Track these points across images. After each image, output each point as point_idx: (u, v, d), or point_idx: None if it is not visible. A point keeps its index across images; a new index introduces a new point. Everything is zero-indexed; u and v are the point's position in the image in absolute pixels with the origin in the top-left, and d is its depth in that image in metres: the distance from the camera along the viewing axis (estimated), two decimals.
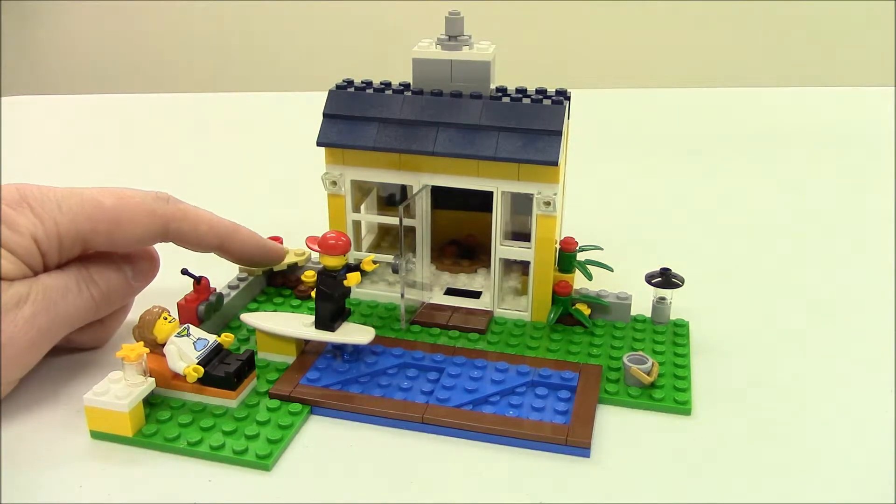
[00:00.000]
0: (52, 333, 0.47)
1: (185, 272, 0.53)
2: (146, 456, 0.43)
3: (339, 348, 0.51)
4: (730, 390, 0.49)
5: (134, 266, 0.52)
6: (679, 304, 0.56)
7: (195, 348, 0.46)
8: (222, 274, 0.57)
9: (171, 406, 0.46)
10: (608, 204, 0.80)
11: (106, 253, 0.51)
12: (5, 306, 0.44)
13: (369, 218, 0.60)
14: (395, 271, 0.54)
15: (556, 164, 0.51)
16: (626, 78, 1.96)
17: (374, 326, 0.51)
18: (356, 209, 0.58)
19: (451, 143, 0.53)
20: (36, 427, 0.45)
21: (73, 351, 0.51)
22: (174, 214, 0.51)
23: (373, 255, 0.54)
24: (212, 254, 0.55)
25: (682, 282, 0.54)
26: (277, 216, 0.73)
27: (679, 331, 0.54)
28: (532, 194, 0.52)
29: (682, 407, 0.47)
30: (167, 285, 0.54)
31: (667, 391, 0.48)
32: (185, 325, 0.47)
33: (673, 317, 0.55)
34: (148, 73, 2.25)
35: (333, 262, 0.49)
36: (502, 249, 0.55)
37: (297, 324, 0.51)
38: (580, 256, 0.56)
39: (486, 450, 0.44)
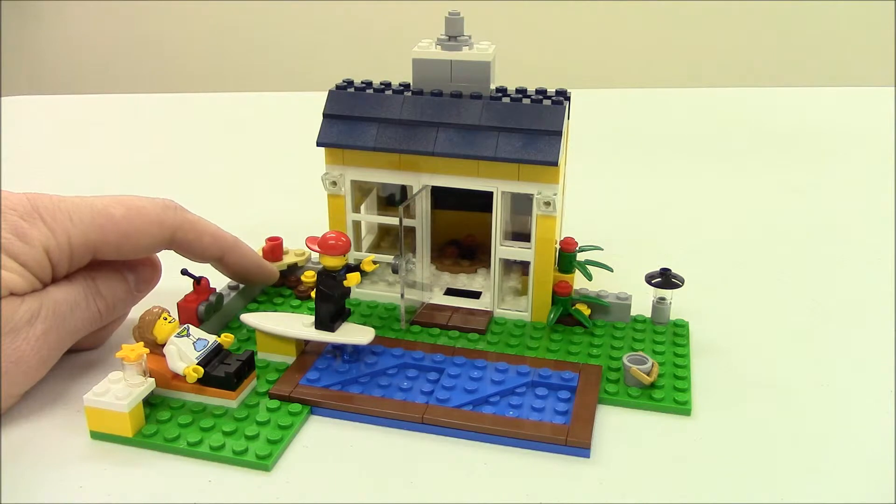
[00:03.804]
0: (59, 349, 0.47)
1: (184, 272, 0.53)
2: (146, 456, 0.43)
3: (339, 348, 0.51)
4: (730, 390, 0.49)
5: (137, 274, 0.52)
6: (679, 304, 0.56)
7: (195, 349, 0.46)
8: (222, 274, 0.57)
9: (171, 406, 0.46)
10: (608, 204, 0.80)
11: (111, 261, 0.51)
12: (18, 323, 0.44)
13: (369, 218, 0.60)
14: (395, 271, 0.54)
15: (556, 164, 0.51)
16: (626, 78, 1.96)
17: (374, 326, 0.51)
18: (356, 209, 0.58)
19: (451, 144, 0.53)
20: (36, 427, 0.45)
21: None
22: (181, 224, 0.51)
23: (373, 256, 0.54)
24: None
25: (682, 282, 0.54)
26: (277, 216, 0.73)
27: (679, 331, 0.54)
28: (532, 194, 0.52)
29: (682, 407, 0.47)
30: (167, 285, 0.54)
31: (667, 391, 0.48)
32: (185, 326, 0.47)
33: (673, 317, 0.55)
34: (148, 73, 2.25)
35: (333, 262, 0.49)
36: (502, 250, 0.55)
37: (297, 324, 0.51)
38: (580, 257, 0.56)
39: (486, 450, 0.44)
